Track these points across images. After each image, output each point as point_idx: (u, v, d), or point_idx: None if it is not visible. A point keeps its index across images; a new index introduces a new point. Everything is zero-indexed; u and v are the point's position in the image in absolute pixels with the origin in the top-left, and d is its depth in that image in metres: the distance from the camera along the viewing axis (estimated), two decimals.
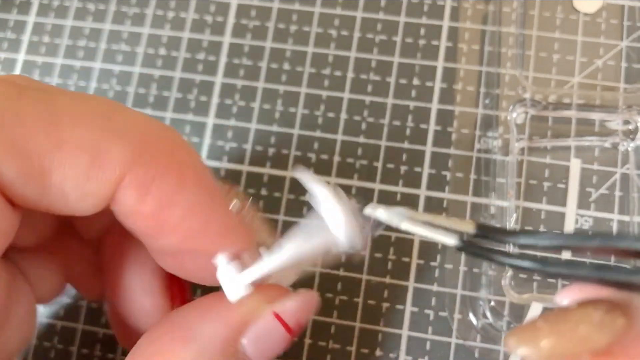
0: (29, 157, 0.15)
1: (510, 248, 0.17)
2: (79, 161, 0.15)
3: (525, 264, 0.14)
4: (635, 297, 0.14)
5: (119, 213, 0.17)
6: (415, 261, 0.27)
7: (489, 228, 0.15)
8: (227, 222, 0.18)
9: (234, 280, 0.18)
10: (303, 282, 0.26)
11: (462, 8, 0.30)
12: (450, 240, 0.15)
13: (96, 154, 0.16)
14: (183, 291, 0.22)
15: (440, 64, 0.30)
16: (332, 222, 0.17)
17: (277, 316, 0.18)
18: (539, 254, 0.17)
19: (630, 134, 0.28)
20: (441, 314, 0.26)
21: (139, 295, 0.21)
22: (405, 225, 0.16)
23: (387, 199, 0.28)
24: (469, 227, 0.15)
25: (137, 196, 0.16)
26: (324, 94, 0.30)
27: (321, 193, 0.17)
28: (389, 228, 0.26)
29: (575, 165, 0.28)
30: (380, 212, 0.17)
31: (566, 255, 0.25)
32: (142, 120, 0.17)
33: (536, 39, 0.30)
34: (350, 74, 0.30)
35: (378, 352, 0.26)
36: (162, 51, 0.31)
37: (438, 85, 0.29)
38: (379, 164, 0.28)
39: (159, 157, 0.16)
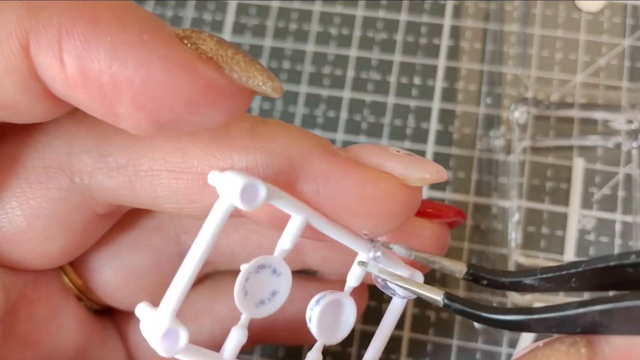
0: None
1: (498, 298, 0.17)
2: None
3: (511, 317, 0.14)
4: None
5: (60, 96, 0.15)
6: None
7: (481, 269, 0.16)
8: (184, 62, 0.14)
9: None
10: None
11: (463, 6, 0.30)
12: (437, 298, 0.15)
13: None
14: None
15: (441, 62, 0.29)
16: None
17: None
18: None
19: (633, 134, 0.28)
20: (443, 315, 0.26)
21: None
22: (394, 285, 0.16)
23: None
24: (461, 268, 0.16)
25: (53, 60, 0.13)
26: (324, 93, 0.29)
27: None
28: None
29: (578, 165, 0.27)
30: (370, 267, 0.17)
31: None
32: None
33: (538, 37, 0.29)
34: (350, 73, 0.29)
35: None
36: None
37: (439, 84, 0.29)
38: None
39: (60, 8, 0.14)
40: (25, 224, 0.17)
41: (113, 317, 0.22)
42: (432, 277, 0.26)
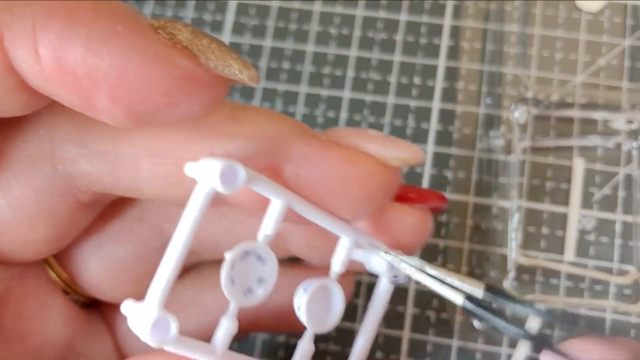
0: None
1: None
2: None
3: (515, 330, 0.15)
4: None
5: (37, 89, 0.14)
6: None
7: (498, 290, 0.16)
8: (160, 55, 0.13)
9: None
10: None
11: (463, 6, 0.30)
12: (458, 299, 0.15)
13: None
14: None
15: (441, 62, 0.29)
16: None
17: None
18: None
19: (633, 134, 0.28)
20: (443, 315, 0.26)
21: None
22: (417, 276, 0.16)
23: None
24: (478, 289, 0.16)
25: (28, 53, 0.13)
26: (324, 93, 0.29)
27: None
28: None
29: (578, 165, 0.27)
30: (394, 260, 0.16)
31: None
32: None
33: (538, 37, 0.29)
34: (350, 73, 0.29)
35: (379, 354, 0.26)
36: None
37: (439, 84, 0.29)
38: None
39: (35, 1, 0.13)
40: (10, 213, 0.17)
41: (100, 310, 0.22)
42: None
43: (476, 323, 0.26)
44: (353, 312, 0.26)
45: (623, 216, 0.27)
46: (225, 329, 0.15)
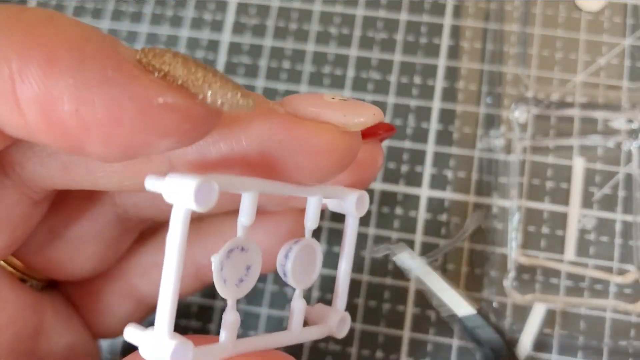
0: None
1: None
2: None
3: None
4: None
5: (16, 137, 0.14)
6: None
7: (487, 316, 0.16)
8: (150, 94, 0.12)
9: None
10: None
11: (463, 6, 0.30)
12: (467, 310, 0.16)
13: None
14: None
15: (441, 62, 0.29)
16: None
17: None
18: None
19: (633, 133, 0.28)
20: (443, 315, 0.26)
21: None
22: (425, 276, 0.16)
23: (388, 199, 0.28)
24: (471, 307, 0.16)
25: (8, 108, 0.12)
26: (325, 92, 0.29)
27: None
28: (389, 227, 0.25)
29: (578, 165, 0.27)
30: (403, 258, 0.17)
31: None
32: None
33: (538, 37, 0.29)
34: (350, 73, 0.29)
35: (379, 354, 0.26)
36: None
37: (440, 83, 0.29)
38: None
39: (6, 48, 0.12)
40: None
41: (61, 289, 0.22)
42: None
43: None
44: (353, 312, 0.26)
45: (623, 216, 0.27)
46: (229, 323, 0.15)
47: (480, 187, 0.27)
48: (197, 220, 0.21)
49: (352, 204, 0.18)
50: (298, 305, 0.18)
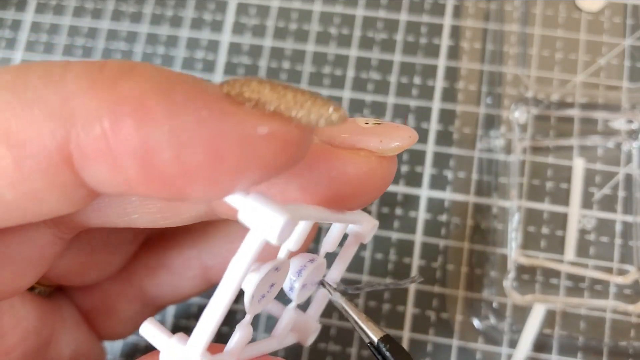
0: None
1: None
2: None
3: None
4: None
5: (112, 194, 0.14)
6: (416, 262, 0.27)
7: (391, 345, 0.16)
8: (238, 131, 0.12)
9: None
10: None
11: (463, 6, 0.30)
12: (374, 337, 0.16)
13: (18, 141, 0.12)
14: None
15: (441, 62, 0.29)
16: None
17: None
18: None
19: (633, 134, 0.28)
20: (443, 315, 0.26)
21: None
22: (344, 304, 0.17)
23: (388, 199, 0.28)
24: (377, 335, 0.16)
25: (105, 167, 0.12)
26: (325, 92, 0.29)
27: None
28: (389, 227, 0.25)
29: (578, 165, 0.27)
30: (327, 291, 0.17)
31: None
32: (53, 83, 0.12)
33: (538, 37, 0.29)
34: (350, 73, 0.29)
35: None
36: (161, 50, 0.30)
37: (439, 84, 0.29)
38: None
39: (97, 105, 0.12)
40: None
41: (66, 294, 0.22)
42: (432, 278, 0.26)
43: (476, 323, 0.26)
44: None
45: (623, 216, 0.27)
46: (240, 337, 0.15)
47: (480, 187, 0.27)
48: (202, 224, 0.22)
49: (367, 230, 0.18)
50: (291, 316, 0.17)
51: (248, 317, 0.15)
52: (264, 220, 0.13)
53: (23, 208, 0.13)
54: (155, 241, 0.22)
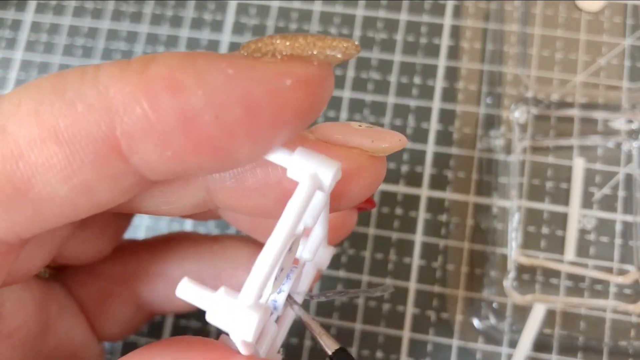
0: None
1: None
2: (47, 153, 0.13)
3: None
4: None
5: (164, 177, 0.14)
6: (416, 262, 0.27)
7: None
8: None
9: None
10: None
11: (463, 6, 0.30)
12: (330, 348, 0.16)
13: (66, 137, 0.13)
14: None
15: (441, 62, 0.29)
16: None
17: None
18: None
19: (633, 134, 0.28)
20: (443, 315, 0.26)
21: None
22: (302, 315, 0.17)
23: (388, 199, 0.28)
24: (331, 348, 0.16)
25: (153, 144, 0.12)
26: None
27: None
28: (389, 227, 0.25)
29: (578, 165, 0.27)
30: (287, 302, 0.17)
31: None
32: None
33: (538, 37, 0.29)
34: (350, 73, 0.29)
35: (379, 354, 0.26)
36: (161, 50, 0.30)
37: (439, 84, 0.29)
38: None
39: (133, 89, 0.12)
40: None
41: (66, 285, 0.22)
42: (432, 278, 0.26)
43: (476, 323, 0.26)
44: (353, 313, 0.26)
45: (623, 216, 0.27)
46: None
47: (480, 187, 0.27)
48: (210, 241, 0.22)
49: (326, 260, 0.18)
50: (274, 330, 0.17)
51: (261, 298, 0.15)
52: (317, 170, 0.13)
53: (75, 203, 0.13)
54: (159, 249, 0.22)
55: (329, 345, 0.16)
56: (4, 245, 0.14)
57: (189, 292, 0.13)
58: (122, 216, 0.21)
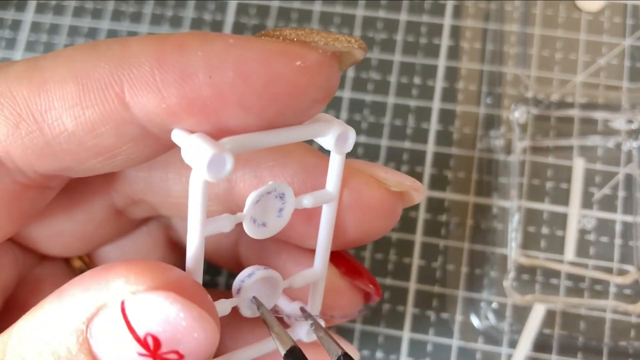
0: (16, 103, 0.14)
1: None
2: (66, 91, 0.14)
3: None
4: None
5: (159, 132, 0.15)
6: (416, 262, 0.27)
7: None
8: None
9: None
10: None
11: (463, 6, 0.30)
12: (280, 348, 0.16)
13: (83, 77, 0.14)
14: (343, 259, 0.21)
15: (441, 62, 0.29)
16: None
17: (124, 313, 0.13)
18: None
19: (633, 134, 0.28)
20: (443, 315, 0.26)
21: None
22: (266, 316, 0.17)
23: None
24: (286, 345, 0.16)
25: (152, 95, 0.14)
26: None
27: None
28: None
29: (578, 165, 0.27)
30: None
31: None
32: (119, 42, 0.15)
33: (538, 37, 0.29)
34: (350, 73, 0.29)
35: (379, 354, 0.26)
36: None
37: (439, 84, 0.29)
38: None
39: (144, 48, 0.14)
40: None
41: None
42: (432, 278, 0.26)
43: (476, 323, 0.26)
44: None
45: (623, 216, 0.27)
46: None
47: (480, 187, 0.27)
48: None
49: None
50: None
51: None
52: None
53: (82, 141, 0.15)
54: (143, 232, 0.22)
55: (283, 344, 0.16)
56: (22, 176, 0.16)
57: (177, 136, 0.15)
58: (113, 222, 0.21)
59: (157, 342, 0.13)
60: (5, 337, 0.14)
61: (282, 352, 0.16)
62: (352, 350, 0.20)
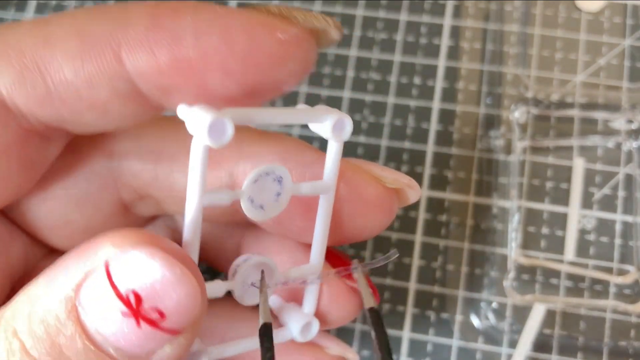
0: (23, 55, 0.16)
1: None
2: (68, 45, 0.15)
3: None
4: None
5: (150, 92, 0.16)
6: (416, 262, 0.27)
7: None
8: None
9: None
10: None
11: (463, 6, 0.30)
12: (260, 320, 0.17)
13: (84, 34, 0.15)
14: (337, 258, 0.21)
15: (441, 62, 0.29)
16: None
17: (108, 272, 0.13)
18: None
19: (633, 134, 0.28)
20: (443, 315, 0.26)
21: None
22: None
23: None
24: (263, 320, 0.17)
25: (145, 54, 0.15)
26: (324, 93, 0.29)
27: None
28: (389, 227, 0.25)
29: (578, 165, 0.27)
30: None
31: None
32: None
33: (538, 37, 0.29)
34: (350, 73, 0.29)
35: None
36: None
37: (439, 84, 0.29)
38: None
39: (142, 11, 0.16)
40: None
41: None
42: (432, 278, 0.26)
43: (476, 323, 0.26)
44: None
45: (623, 216, 0.27)
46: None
47: (480, 187, 0.27)
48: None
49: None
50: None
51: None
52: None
53: (79, 93, 0.16)
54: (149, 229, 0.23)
55: (263, 317, 0.17)
56: (26, 122, 0.16)
57: (181, 110, 0.15)
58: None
59: (138, 298, 0.13)
60: (2, 311, 0.15)
61: (260, 324, 0.17)
62: (351, 352, 0.21)
